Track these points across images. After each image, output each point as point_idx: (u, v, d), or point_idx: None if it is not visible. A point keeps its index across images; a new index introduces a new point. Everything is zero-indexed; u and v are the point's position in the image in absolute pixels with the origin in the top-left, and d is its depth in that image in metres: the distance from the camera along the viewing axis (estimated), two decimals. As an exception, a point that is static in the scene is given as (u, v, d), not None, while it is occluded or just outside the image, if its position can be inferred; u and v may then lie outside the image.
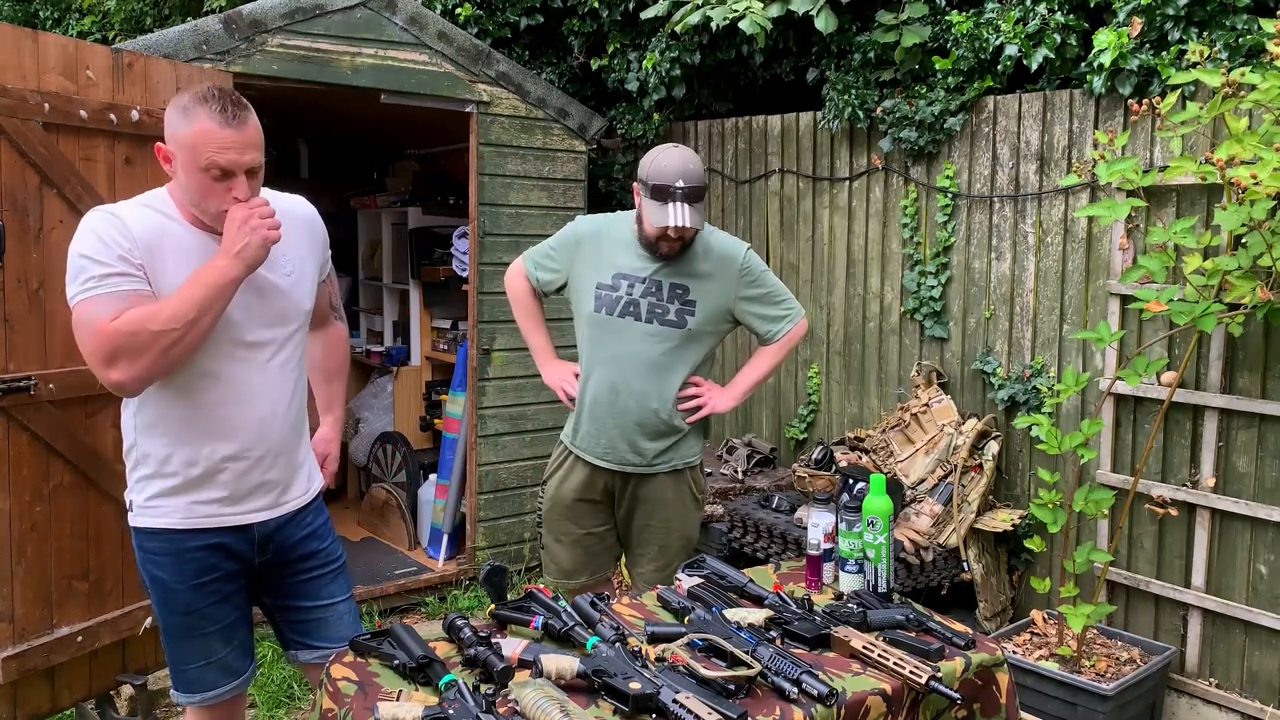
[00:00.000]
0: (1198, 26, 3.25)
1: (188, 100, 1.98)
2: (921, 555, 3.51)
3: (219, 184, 1.99)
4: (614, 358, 2.83)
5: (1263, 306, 2.86)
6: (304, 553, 2.29)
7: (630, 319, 2.80)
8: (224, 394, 2.09)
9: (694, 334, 2.82)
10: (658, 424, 2.83)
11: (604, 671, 1.86)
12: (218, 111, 1.96)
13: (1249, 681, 3.25)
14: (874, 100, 4.05)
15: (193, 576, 2.13)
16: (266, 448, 2.16)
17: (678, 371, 2.84)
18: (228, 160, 1.97)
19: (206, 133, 1.95)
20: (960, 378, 3.96)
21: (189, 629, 2.16)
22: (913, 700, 2.01)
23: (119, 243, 1.96)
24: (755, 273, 2.88)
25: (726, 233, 2.97)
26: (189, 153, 1.97)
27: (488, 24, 4.96)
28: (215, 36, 3.69)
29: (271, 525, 2.21)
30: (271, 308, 2.15)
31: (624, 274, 2.81)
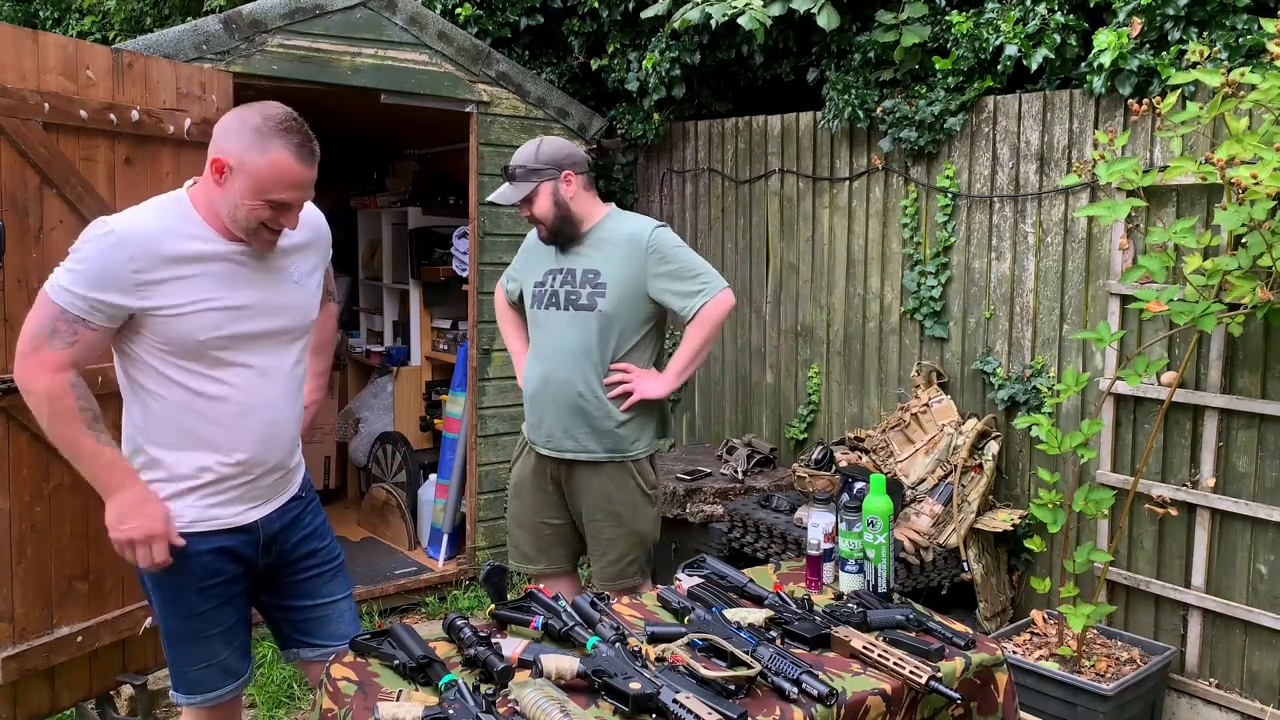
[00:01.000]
0: (1198, 26, 3.25)
1: (265, 126, 1.96)
2: (921, 555, 3.51)
3: (271, 212, 2.01)
4: (543, 348, 3.01)
5: (1263, 306, 2.86)
6: (304, 552, 2.31)
7: (552, 309, 2.98)
8: (238, 402, 2.10)
9: (608, 316, 2.90)
10: (588, 411, 2.92)
11: (604, 671, 1.86)
12: (296, 146, 1.97)
13: (1249, 681, 3.25)
14: (874, 100, 4.05)
15: (197, 580, 2.14)
16: (276, 452, 2.18)
17: (600, 357, 2.92)
18: (292, 197, 2.00)
19: (282, 168, 1.97)
20: (960, 378, 3.96)
21: (192, 631, 2.17)
22: (912, 700, 2.01)
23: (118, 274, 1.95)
24: (664, 250, 2.92)
25: (642, 215, 3.08)
26: (254, 180, 1.97)
27: (488, 24, 4.96)
28: (215, 36, 3.69)
29: (275, 527, 2.23)
30: (282, 316, 2.16)
31: (551, 269, 3.00)
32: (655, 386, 2.94)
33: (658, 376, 2.97)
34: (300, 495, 2.32)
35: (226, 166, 1.99)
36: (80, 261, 1.97)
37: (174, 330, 2.02)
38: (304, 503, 2.33)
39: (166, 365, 2.05)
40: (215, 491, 2.13)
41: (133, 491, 2.06)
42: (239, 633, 2.25)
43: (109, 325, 2.00)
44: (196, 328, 2.02)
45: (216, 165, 2.00)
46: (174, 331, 2.02)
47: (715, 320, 2.92)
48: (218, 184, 2.01)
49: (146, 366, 2.07)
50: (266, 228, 2.04)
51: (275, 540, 2.24)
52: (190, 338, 2.03)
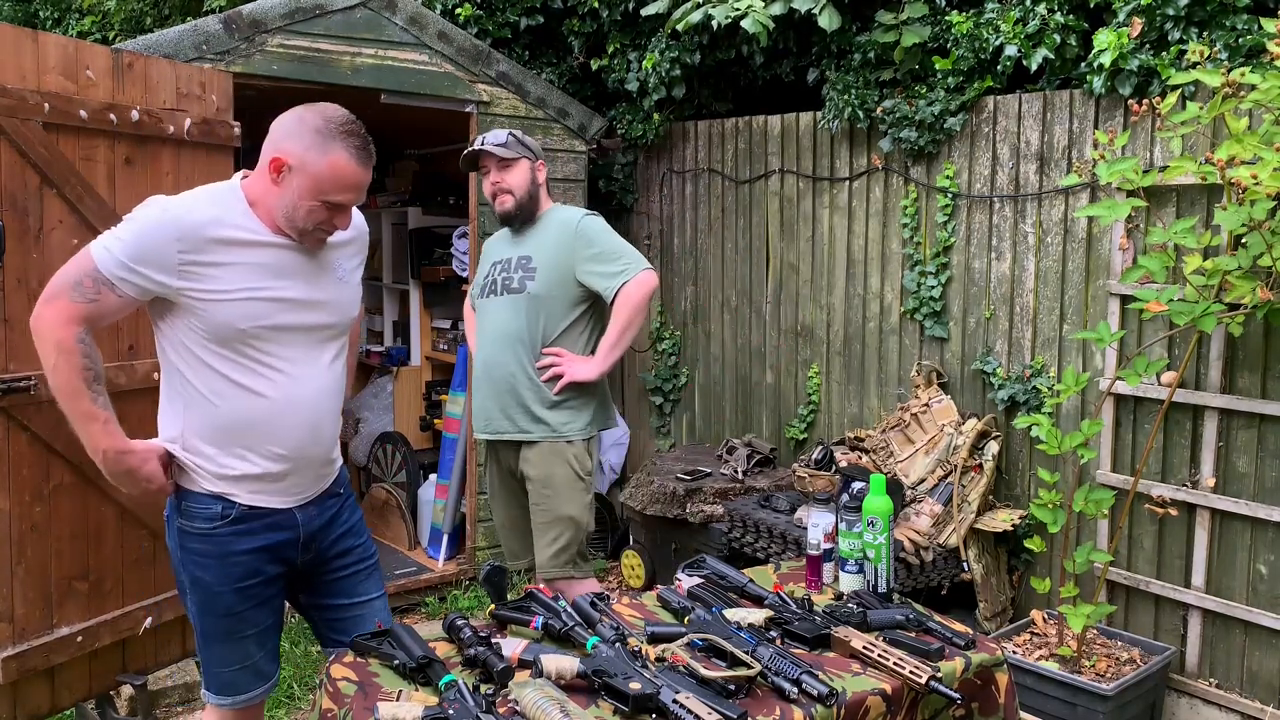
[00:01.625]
0: (1198, 26, 3.25)
1: (326, 128, 1.99)
2: (921, 555, 3.51)
3: (326, 211, 2.03)
4: (483, 335, 3.14)
5: (1263, 306, 2.86)
6: (341, 549, 2.30)
7: (491, 296, 3.13)
8: (278, 397, 2.09)
9: (537, 298, 3.02)
10: (520, 393, 3.03)
11: (604, 671, 1.86)
12: (356, 149, 2.00)
13: (1249, 681, 3.25)
14: (874, 100, 4.05)
15: (236, 580, 2.13)
16: (316, 448, 2.18)
17: (530, 339, 3.03)
18: (349, 199, 2.03)
19: (341, 170, 1.99)
20: (960, 378, 3.96)
21: (228, 632, 2.16)
22: (912, 700, 2.01)
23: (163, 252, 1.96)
24: (590, 234, 3.05)
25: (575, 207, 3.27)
26: (313, 181, 1.99)
27: (488, 24, 4.96)
28: (215, 36, 3.69)
29: (315, 525, 2.22)
30: (325, 312, 2.16)
31: (495, 261, 3.17)
32: (585, 369, 3.02)
33: (587, 360, 3.05)
34: (339, 492, 2.31)
35: (286, 166, 2.00)
36: (129, 230, 1.98)
37: (216, 316, 2.01)
38: (342, 499, 2.32)
39: (209, 355, 2.04)
40: (256, 483, 2.12)
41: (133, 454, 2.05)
42: (272, 635, 2.25)
43: (136, 297, 1.99)
44: (238, 315, 2.02)
45: (275, 165, 2.01)
46: (216, 318, 2.01)
47: (637, 300, 2.98)
48: (274, 183, 2.02)
49: (190, 355, 2.06)
50: (320, 229, 2.06)
51: (315, 538, 2.23)
52: (231, 325, 2.02)
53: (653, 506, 4.25)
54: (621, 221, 5.33)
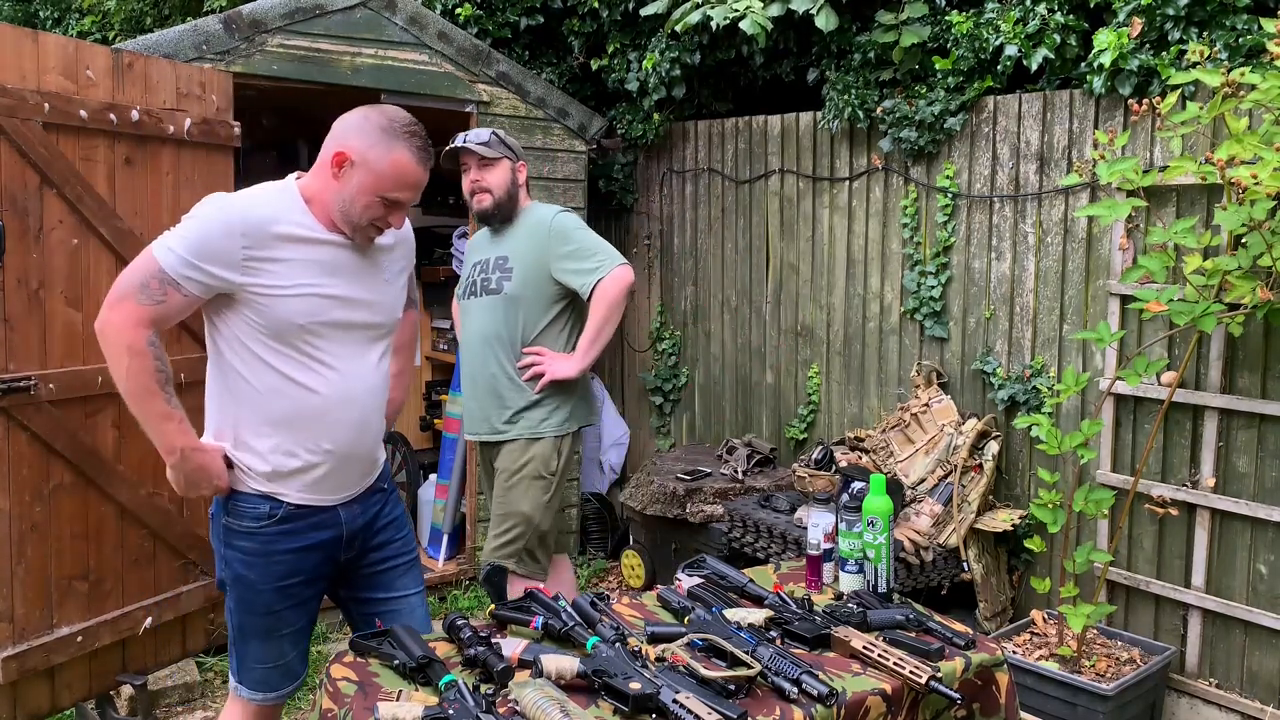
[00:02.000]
0: (1198, 26, 3.25)
1: (390, 127, 2.04)
2: (921, 555, 3.51)
3: (383, 208, 2.08)
4: (465, 336, 3.19)
5: (1263, 306, 2.86)
6: (381, 541, 2.32)
7: (472, 297, 3.17)
8: (328, 392, 2.12)
9: (514, 297, 3.06)
10: (501, 393, 3.08)
11: (604, 671, 1.86)
12: (418, 150, 2.06)
13: (1249, 681, 3.25)
14: (874, 100, 4.05)
15: (278, 579, 2.15)
16: (362, 444, 2.21)
17: (509, 338, 3.08)
18: (406, 197, 2.08)
19: (403, 169, 2.05)
20: (960, 378, 3.96)
21: (266, 630, 2.19)
22: (912, 700, 2.01)
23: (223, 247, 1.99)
24: (564, 231, 3.07)
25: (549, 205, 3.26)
26: (374, 178, 2.04)
27: (488, 24, 4.96)
28: (215, 36, 3.69)
29: (359, 523, 2.25)
30: (373, 311, 2.19)
31: (475, 262, 3.21)
32: (565, 367, 3.05)
33: (566, 357, 3.08)
34: (383, 487, 2.35)
35: (348, 160, 2.04)
36: (191, 228, 2.01)
37: (274, 311, 2.04)
38: (386, 495, 2.36)
39: (265, 350, 2.07)
40: (304, 480, 2.14)
41: (191, 458, 2.07)
42: (305, 636, 2.28)
43: (200, 295, 2.02)
44: (296, 311, 2.05)
45: (338, 159, 2.05)
46: (274, 313, 2.04)
47: (614, 296, 3.00)
48: (335, 177, 2.06)
49: (242, 349, 2.08)
50: (374, 225, 2.10)
51: (358, 535, 2.26)
52: (289, 320, 2.05)
53: (653, 506, 4.25)
54: (621, 221, 5.34)
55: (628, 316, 5.36)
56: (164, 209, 3.40)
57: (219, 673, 3.70)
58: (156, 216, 3.38)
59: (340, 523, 2.21)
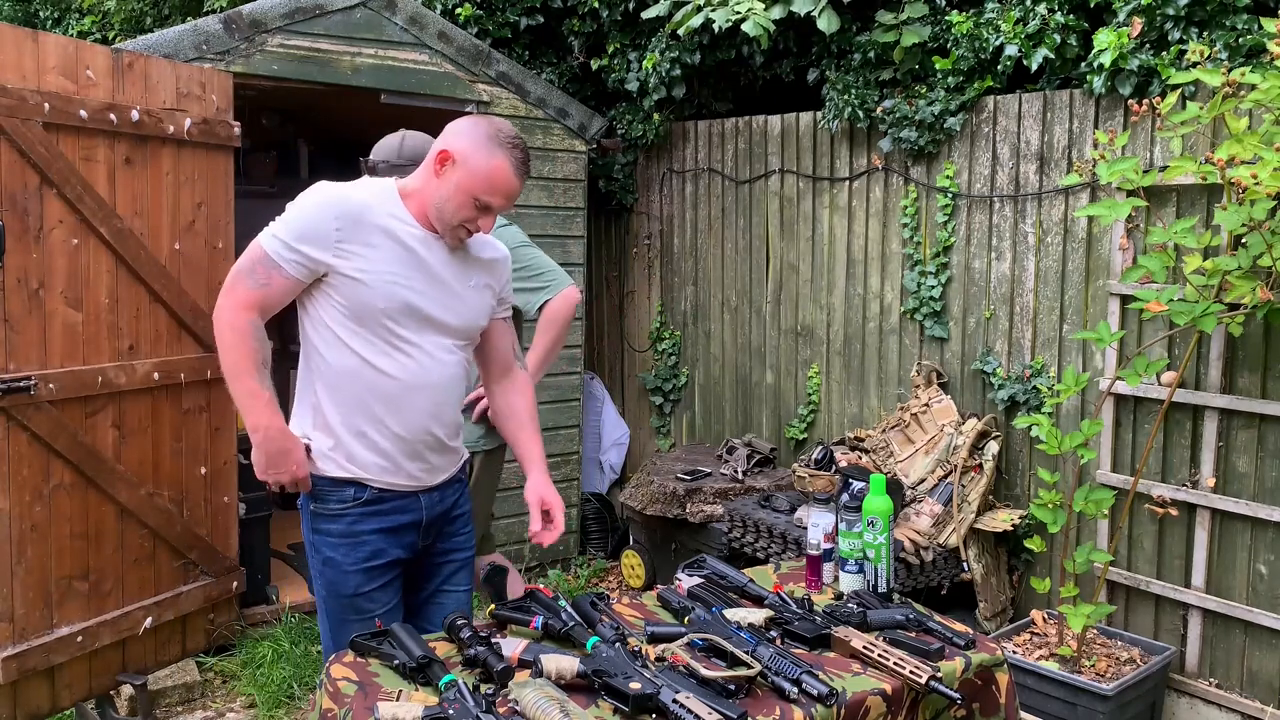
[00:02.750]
0: (1198, 26, 3.25)
1: (497, 136, 2.15)
2: (921, 555, 3.51)
3: (474, 210, 2.16)
4: None
5: (1263, 306, 2.86)
6: (450, 532, 2.40)
7: None
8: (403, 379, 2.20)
9: None
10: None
11: (604, 671, 1.86)
12: (518, 161, 2.15)
13: (1249, 681, 3.25)
14: (874, 100, 4.05)
15: (363, 560, 2.24)
16: (435, 433, 2.27)
17: None
18: (498, 203, 2.17)
19: (500, 174, 2.14)
20: (960, 378, 3.96)
21: (358, 611, 2.27)
22: (912, 700, 2.01)
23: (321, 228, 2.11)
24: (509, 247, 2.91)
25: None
26: (472, 179, 2.13)
27: (488, 24, 4.96)
28: (215, 36, 3.69)
29: (436, 511, 2.33)
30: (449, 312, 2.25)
31: None
32: None
33: None
34: (460, 479, 2.42)
35: (451, 159, 2.15)
36: (292, 213, 2.14)
37: (360, 295, 2.14)
38: (462, 486, 2.43)
39: (344, 331, 2.17)
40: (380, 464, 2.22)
41: (281, 431, 2.18)
42: (395, 616, 2.32)
43: (299, 278, 2.13)
44: (380, 296, 2.14)
45: (441, 157, 2.16)
46: (360, 297, 2.14)
47: (562, 318, 2.93)
48: (436, 174, 2.17)
49: (325, 330, 2.18)
50: (464, 226, 2.19)
51: (434, 523, 2.34)
52: (372, 305, 2.14)
53: (653, 506, 4.25)
54: (621, 221, 5.34)
55: (628, 316, 5.37)
56: (164, 209, 3.40)
57: (219, 673, 3.70)
58: (156, 216, 3.38)
59: (420, 508, 2.30)
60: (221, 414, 3.64)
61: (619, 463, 5.33)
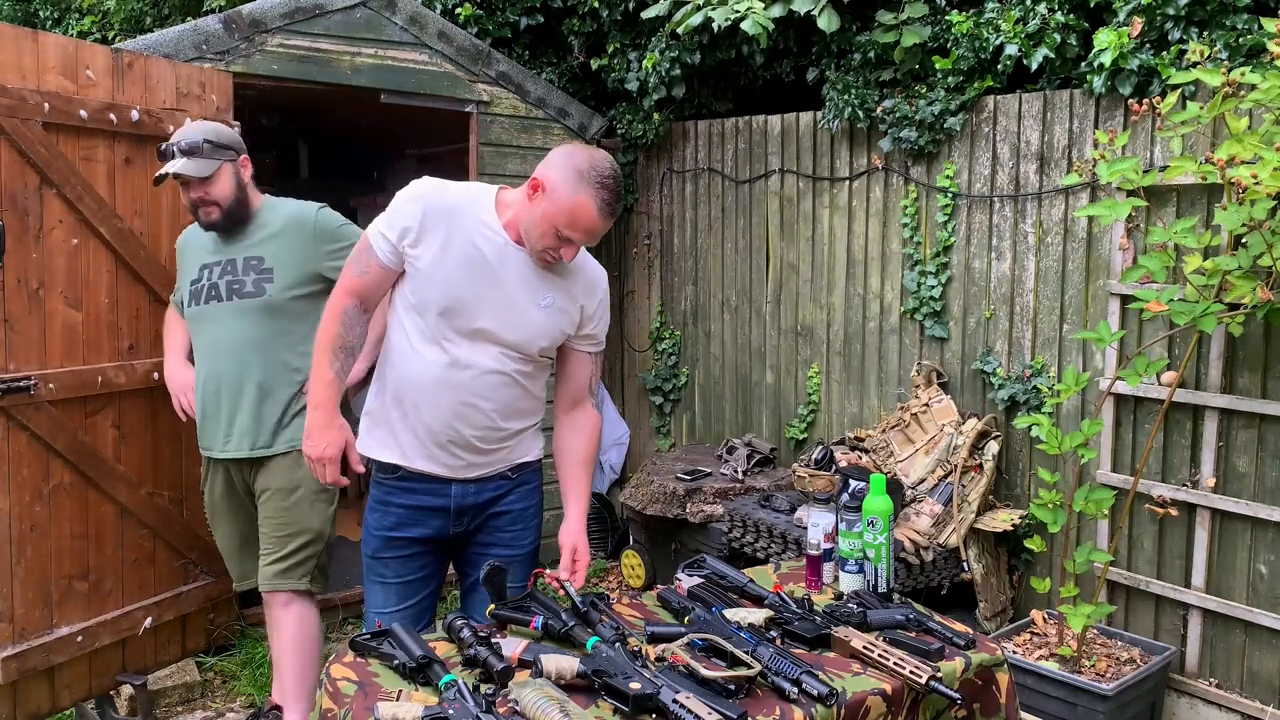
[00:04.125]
0: (1198, 26, 3.24)
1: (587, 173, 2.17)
2: (921, 555, 3.51)
3: (556, 240, 2.21)
4: (210, 344, 2.96)
5: (1263, 306, 2.86)
6: (495, 526, 2.45)
7: (214, 302, 2.93)
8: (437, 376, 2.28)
9: (276, 302, 2.91)
10: (265, 405, 2.93)
11: (604, 671, 1.86)
12: (605, 201, 2.18)
13: (1249, 681, 3.25)
14: (874, 100, 4.05)
15: (388, 527, 2.39)
16: (463, 434, 2.32)
17: (274, 345, 2.92)
18: (579, 238, 2.22)
19: (584, 213, 2.17)
20: (960, 378, 3.96)
21: (373, 572, 2.42)
22: (913, 700, 2.01)
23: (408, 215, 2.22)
24: (330, 229, 2.96)
25: (299, 200, 3.07)
26: (557, 211, 2.18)
27: (488, 24, 4.96)
28: (215, 36, 3.69)
29: (471, 501, 2.40)
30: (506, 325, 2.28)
31: (206, 264, 2.97)
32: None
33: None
34: (508, 476, 2.44)
35: (541, 188, 2.20)
36: (392, 204, 2.26)
37: (420, 284, 2.24)
38: (511, 483, 2.45)
39: (408, 316, 2.28)
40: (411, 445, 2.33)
41: (324, 414, 2.31)
42: (414, 594, 2.42)
43: (391, 266, 2.25)
44: (436, 290, 2.23)
45: (534, 185, 2.21)
46: (420, 286, 2.24)
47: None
48: (529, 199, 2.22)
49: (396, 314, 2.31)
50: (548, 251, 2.24)
51: (467, 512, 2.41)
52: (427, 296, 2.24)
53: (653, 506, 4.25)
54: (621, 221, 5.34)
55: (628, 316, 5.36)
56: (164, 209, 3.40)
57: (219, 673, 3.70)
58: (156, 216, 3.38)
59: (450, 495, 2.38)
60: (221, 414, 3.64)
61: (619, 463, 5.33)
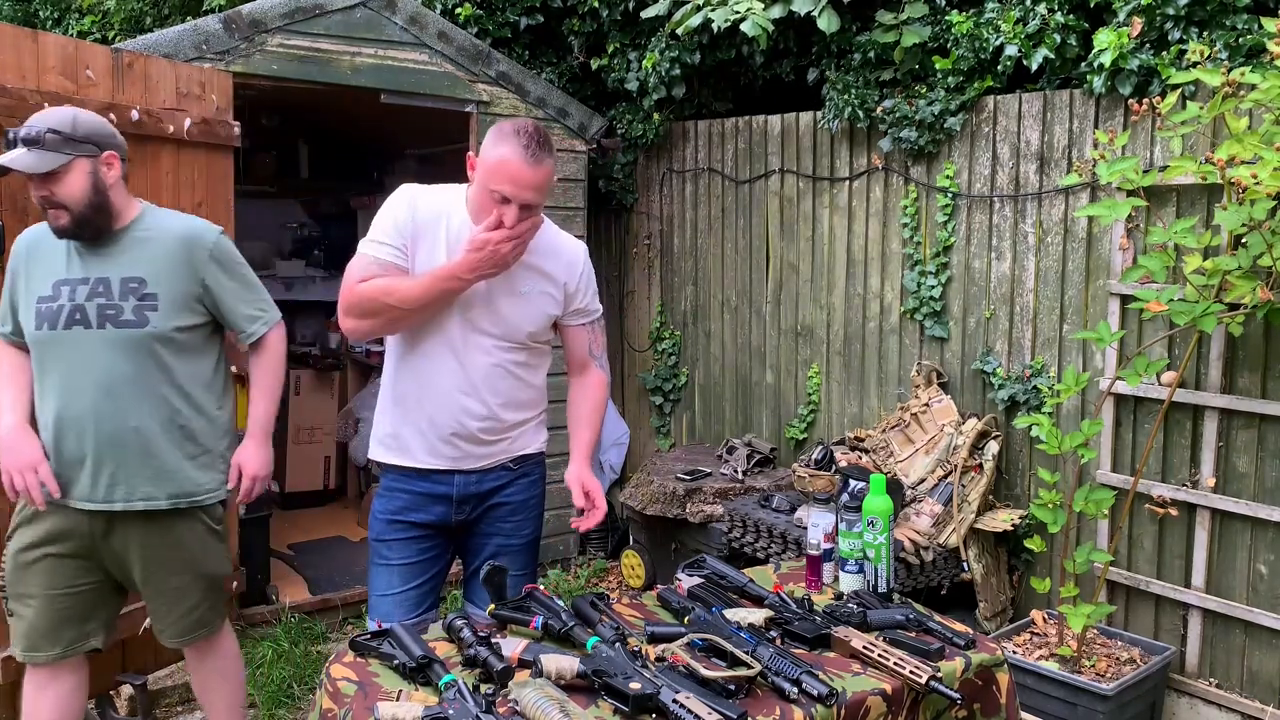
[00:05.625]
0: (1198, 26, 3.25)
1: (508, 128, 2.26)
2: (921, 555, 3.51)
3: (494, 204, 2.24)
4: (73, 379, 2.45)
5: (1263, 306, 2.86)
6: (495, 517, 2.51)
7: (79, 329, 2.43)
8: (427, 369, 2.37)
9: (163, 334, 2.48)
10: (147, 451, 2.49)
11: (604, 671, 1.86)
12: (524, 147, 2.21)
13: (1249, 681, 3.25)
14: (874, 100, 4.05)
15: (391, 512, 2.45)
16: (465, 426, 2.39)
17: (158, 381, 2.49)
18: (509, 191, 2.22)
19: (506, 163, 2.21)
20: (960, 378, 3.96)
21: (375, 556, 2.48)
22: (913, 700, 2.01)
23: (399, 218, 2.31)
24: (229, 260, 2.59)
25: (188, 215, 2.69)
26: (486, 173, 2.24)
27: (488, 24, 4.96)
28: (215, 36, 3.69)
29: (472, 490, 2.46)
30: (484, 315, 2.36)
31: (64, 280, 2.47)
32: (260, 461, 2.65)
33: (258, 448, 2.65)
34: (510, 467, 2.50)
35: (474, 162, 2.32)
36: (377, 217, 2.34)
37: None
38: (513, 475, 2.51)
39: None
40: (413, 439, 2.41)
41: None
42: (419, 576, 2.47)
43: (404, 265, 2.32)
44: None
45: (469, 162, 2.34)
46: None
47: (282, 353, 2.68)
48: (470, 180, 2.33)
49: None
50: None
51: (469, 501, 2.47)
52: None
53: (653, 506, 4.26)
54: (621, 221, 5.34)
55: (628, 316, 5.36)
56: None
57: (219, 673, 3.69)
58: (156, 216, 3.38)
59: (453, 484, 2.44)
60: (221, 414, 3.64)
61: (619, 463, 5.33)
